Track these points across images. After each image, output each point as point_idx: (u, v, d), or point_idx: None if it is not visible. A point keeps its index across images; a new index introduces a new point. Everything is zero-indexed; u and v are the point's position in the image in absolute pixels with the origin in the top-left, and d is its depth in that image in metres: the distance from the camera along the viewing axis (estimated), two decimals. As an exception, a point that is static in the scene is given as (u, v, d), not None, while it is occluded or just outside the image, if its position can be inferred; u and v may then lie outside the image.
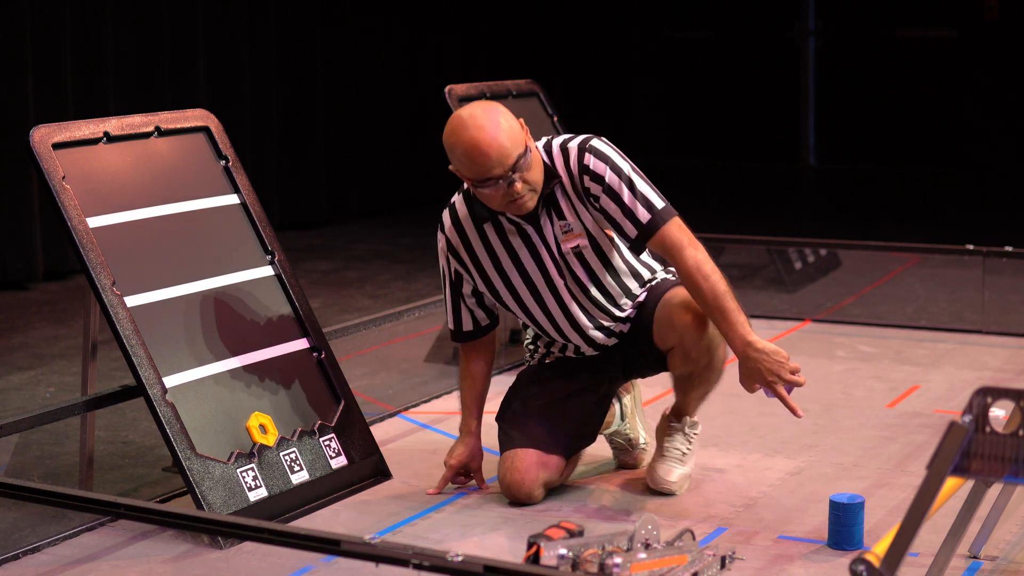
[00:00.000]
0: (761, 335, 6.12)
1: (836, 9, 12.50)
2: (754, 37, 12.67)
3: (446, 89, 5.66)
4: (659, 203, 3.80)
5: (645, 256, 3.99)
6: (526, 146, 3.71)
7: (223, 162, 4.28)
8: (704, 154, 12.63)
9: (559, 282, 3.90)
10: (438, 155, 12.32)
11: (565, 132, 6.08)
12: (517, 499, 3.91)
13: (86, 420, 3.95)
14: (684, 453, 4.02)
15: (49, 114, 7.35)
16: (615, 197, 3.78)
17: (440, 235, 3.98)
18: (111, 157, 4.00)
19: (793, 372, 3.74)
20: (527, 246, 3.88)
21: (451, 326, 4.08)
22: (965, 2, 11.89)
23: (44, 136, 3.84)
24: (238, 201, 4.27)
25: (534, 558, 2.99)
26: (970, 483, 3.11)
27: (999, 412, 2.51)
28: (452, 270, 3.99)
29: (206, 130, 4.27)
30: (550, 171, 3.82)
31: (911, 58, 12.13)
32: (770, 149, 12.70)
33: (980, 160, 11.87)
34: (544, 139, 3.90)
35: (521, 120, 3.77)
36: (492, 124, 3.68)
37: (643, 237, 3.79)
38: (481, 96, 5.82)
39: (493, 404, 4.13)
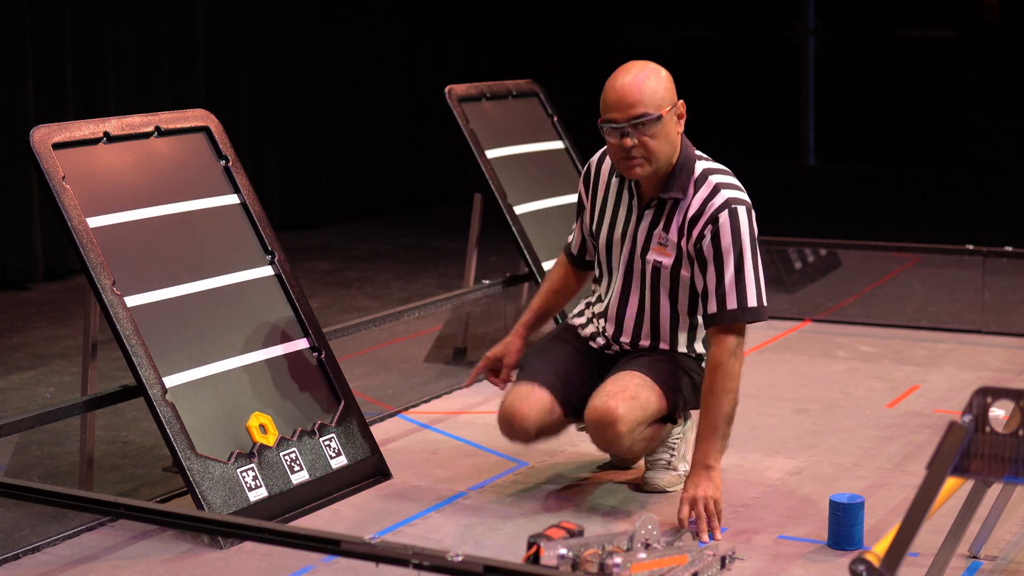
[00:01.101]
0: (761, 335, 6.13)
1: (836, 9, 12.49)
2: (754, 37, 12.66)
3: (446, 89, 5.67)
4: (752, 301, 3.76)
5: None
6: (661, 114, 3.76)
7: (223, 162, 4.28)
8: (704, 154, 12.62)
9: (623, 268, 3.96)
10: (438, 155, 12.27)
11: (564, 132, 6.11)
12: (512, 428, 3.90)
13: (86, 420, 3.95)
14: (669, 461, 4.03)
15: (49, 114, 7.35)
16: (719, 268, 3.77)
17: (588, 163, 4.11)
18: (111, 157, 4.00)
19: (712, 527, 3.66)
20: (627, 213, 3.95)
21: (568, 239, 4.23)
22: (965, 2, 11.89)
23: (44, 136, 3.84)
24: (238, 201, 4.27)
25: (534, 558, 2.99)
26: (970, 483, 3.11)
27: (999, 412, 2.51)
28: (580, 196, 4.12)
29: (206, 130, 4.27)
30: (683, 186, 3.85)
31: (911, 58, 12.13)
32: (770, 149, 12.69)
33: (980, 160, 11.87)
34: (714, 164, 3.94)
35: (682, 103, 3.84)
36: (639, 74, 3.78)
37: (715, 319, 3.78)
38: (481, 96, 5.82)
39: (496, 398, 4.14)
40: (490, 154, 5.66)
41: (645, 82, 3.75)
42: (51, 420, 3.86)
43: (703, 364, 3.98)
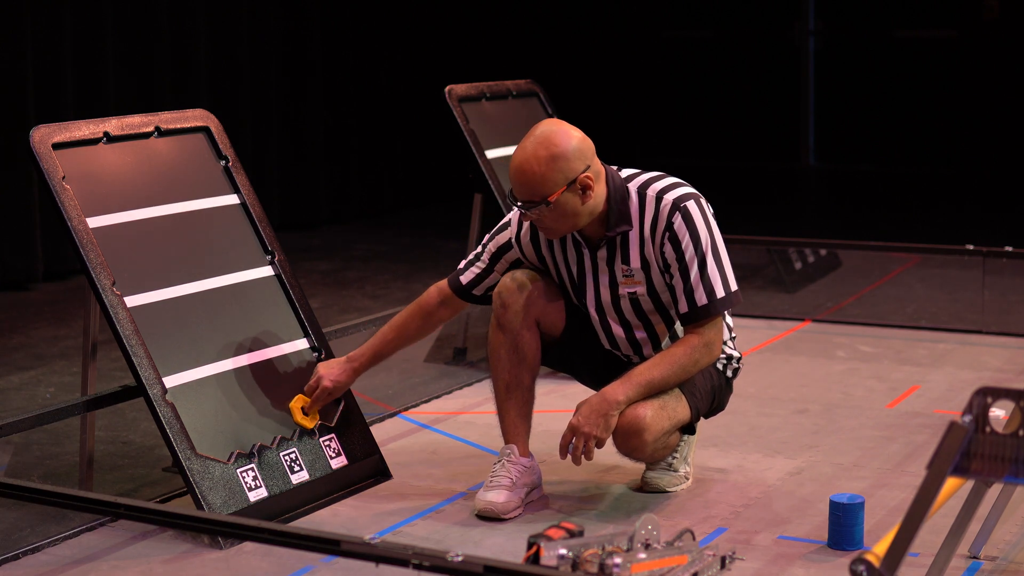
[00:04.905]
0: (761, 335, 6.13)
1: (836, 9, 12.49)
2: (754, 37, 12.66)
3: (446, 89, 5.66)
4: (719, 291, 3.77)
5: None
6: (549, 200, 3.67)
7: (223, 162, 4.28)
8: (704, 154, 12.62)
9: (596, 312, 3.94)
10: (438, 155, 12.22)
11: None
12: (508, 287, 3.89)
13: (86, 420, 3.95)
14: (670, 463, 4.03)
15: (49, 114, 7.34)
16: (683, 268, 3.77)
17: (510, 236, 4.00)
18: (111, 157, 4.00)
19: (577, 460, 3.75)
20: (578, 260, 3.92)
21: (461, 272, 4.04)
22: (965, 2, 11.89)
23: (44, 136, 3.84)
24: (238, 201, 4.27)
25: (534, 558, 2.98)
26: (970, 483, 3.11)
27: (999, 412, 2.51)
28: (509, 241, 3.98)
29: (206, 130, 4.28)
30: (625, 216, 3.80)
31: (911, 58, 12.13)
32: (770, 149, 12.68)
33: (980, 160, 11.86)
34: (646, 177, 3.85)
35: (586, 174, 3.70)
36: (529, 158, 3.69)
37: (689, 317, 3.78)
38: (481, 96, 5.82)
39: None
40: (490, 154, 5.66)
41: (533, 170, 3.67)
42: (51, 420, 3.86)
43: (717, 364, 3.98)
